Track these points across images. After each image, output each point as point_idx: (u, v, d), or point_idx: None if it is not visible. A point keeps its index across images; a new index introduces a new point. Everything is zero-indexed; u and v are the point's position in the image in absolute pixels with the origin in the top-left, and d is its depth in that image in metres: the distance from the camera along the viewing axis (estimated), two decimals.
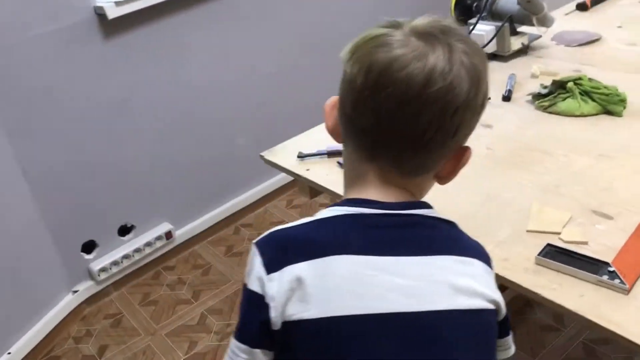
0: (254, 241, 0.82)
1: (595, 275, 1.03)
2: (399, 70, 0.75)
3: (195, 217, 2.88)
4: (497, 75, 1.85)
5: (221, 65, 2.72)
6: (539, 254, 1.10)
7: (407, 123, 0.77)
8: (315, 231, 0.81)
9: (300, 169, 1.53)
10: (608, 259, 1.07)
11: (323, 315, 0.74)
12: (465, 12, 2.08)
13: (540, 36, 2.00)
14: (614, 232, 1.16)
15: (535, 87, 1.72)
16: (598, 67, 1.82)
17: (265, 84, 2.90)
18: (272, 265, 0.78)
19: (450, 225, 0.86)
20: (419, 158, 0.81)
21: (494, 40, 1.90)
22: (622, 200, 1.25)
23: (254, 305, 0.78)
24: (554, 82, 1.63)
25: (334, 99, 0.88)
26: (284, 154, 1.61)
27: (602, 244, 1.13)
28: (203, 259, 2.77)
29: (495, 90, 1.76)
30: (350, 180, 0.86)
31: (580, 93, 1.58)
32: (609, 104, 1.56)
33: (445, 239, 0.83)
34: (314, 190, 1.51)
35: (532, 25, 1.89)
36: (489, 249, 0.88)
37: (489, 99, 1.71)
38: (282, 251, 0.79)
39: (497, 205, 1.29)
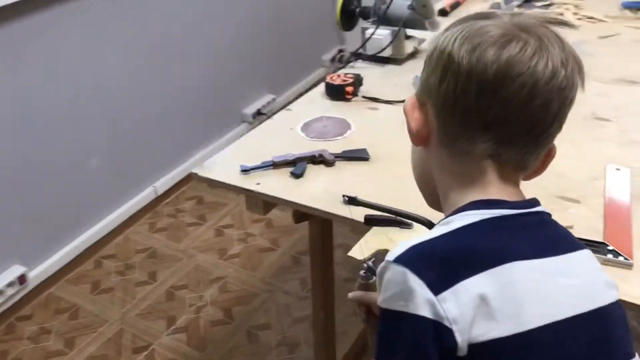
0: (392, 259, 0.72)
1: (601, 256, 1.10)
2: (527, 60, 0.74)
3: (50, 254, 2.52)
4: (396, 79, 1.90)
5: (65, 79, 2.42)
6: None
7: (536, 115, 0.75)
8: (470, 240, 0.73)
9: (248, 183, 1.41)
10: (598, 239, 1.15)
11: (516, 331, 0.67)
12: (350, 18, 2.11)
13: (425, 40, 2.10)
14: (587, 215, 1.25)
15: None
16: None
17: (117, 98, 2.65)
18: (439, 283, 0.68)
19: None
20: (538, 152, 0.79)
21: (391, 45, 1.95)
22: (579, 184, 1.35)
23: (429, 333, 0.67)
24: None
25: (413, 99, 0.83)
26: (219, 169, 1.48)
27: (584, 226, 1.20)
28: (66, 301, 2.43)
29: (401, 91, 1.81)
30: (459, 182, 0.80)
31: None
32: None
33: (567, 234, 0.81)
34: (269, 204, 1.40)
35: (424, 29, 1.97)
36: None
37: None
38: (444, 266, 0.70)
39: None
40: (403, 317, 0.69)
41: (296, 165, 1.45)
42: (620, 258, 1.09)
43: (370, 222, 1.25)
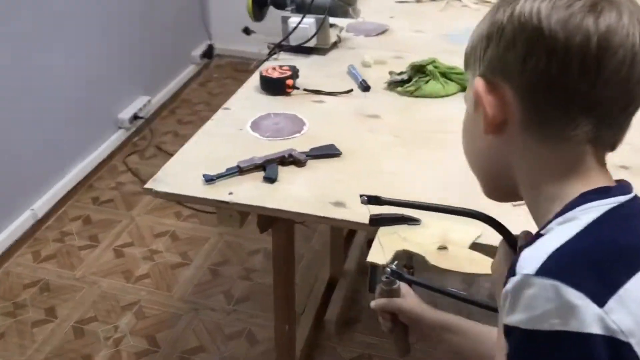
0: (534, 272, 0.60)
1: None
2: (626, 28, 0.66)
3: None
4: (327, 70, 1.80)
5: None
6: None
7: (635, 90, 0.67)
8: (611, 235, 0.64)
9: (219, 193, 1.23)
10: None
11: None
12: (262, 7, 1.97)
13: (343, 28, 2.02)
14: None
15: (377, 75, 1.73)
16: (414, 52, 1.92)
17: None
18: (600, 293, 0.58)
19: None
20: (627, 129, 0.73)
21: (316, 35, 1.84)
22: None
23: (602, 352, 0.56)
24: (413, 67, 1.67)
25: (482, 82, 0.71)
26: (177, 181, 1.28)
27: None
28: None
29: (338, 82, 1.71)
30: (556, 171, 0.70)
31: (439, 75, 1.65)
32: (464, 82, 1.67)
33: None
34: (245, 214, 1.23)
35: (347, 16, 1.89)
36: None
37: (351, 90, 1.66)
38: (599, 271, 0.59)
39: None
40: (563, 338, 0.58)
41: (267, 169, 1.30)
42: None
43: (377, 222, 1.15)
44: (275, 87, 1.64)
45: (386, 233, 1.14)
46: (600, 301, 0.57)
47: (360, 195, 1.01)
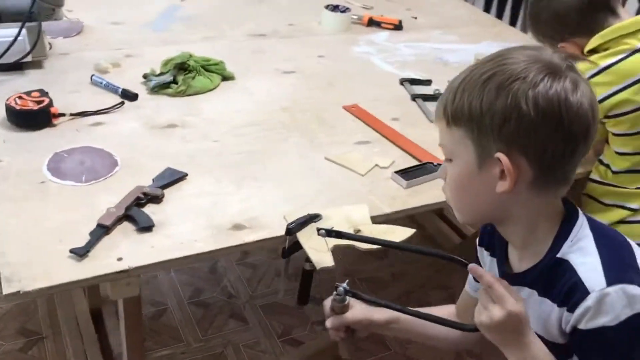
0: (606, 285, 0.82)
1: None
2: (577, 97, 0.82)
3: None
4: (67, 85, 1.53)
5: None
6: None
7: (589, 144, 0.86)
8: (612, 238, 0.89)
9: (107, 265, 1.01)
10: None
11: None
12: None
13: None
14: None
15: (125, 79, 1.57)
16: (136, 48, 1.77)
17: None
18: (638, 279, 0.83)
19: None
20: None
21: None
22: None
23: None
24: (175, 66, 1.55)
25: (506, 159, 0.82)
26: (39, 273, 0.98)
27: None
28: None
29: (92, 96, 1.50)
30: (547, 214, 0.89)
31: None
32: (224, 71, 1.65)
33: None
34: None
35: (52, 19, 1.61)
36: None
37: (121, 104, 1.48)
38: (630, 265, 0.85)
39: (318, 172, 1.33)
40: (635, 318, 0.81)
41: (136, 218, 1.10)
42: None
43: (293, 230, 1.13)
44: (36, 119, 1.34)
45: (306, 236, 1.14)
46: None
47: (318, 230, 1.01)
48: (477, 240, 1.06)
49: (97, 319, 1.99)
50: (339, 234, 1.01)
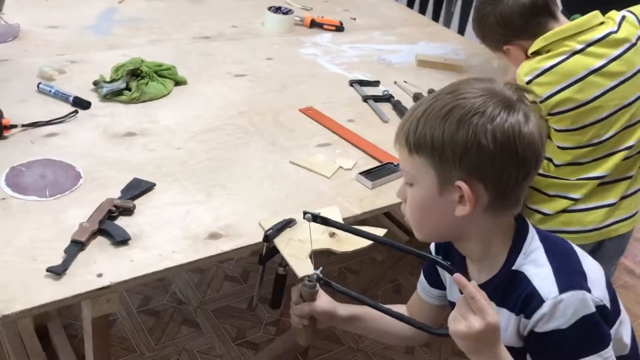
0: (559, 293, 0.88)
1: None
2: (529, 128, 0.89)
3: None
4: (5, 95, 1.46)
5: None
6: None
7: (539, 169, 0.94)
8: (559, 248, 0.97)
9: (87, 283, 0.98)
10: None
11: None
12: None
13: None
14: None
15: (73, 86, 1.51)
16: (81, 52, 1.71)
17: None
18: (585, 284, 0.92)
19: None
20: None
21: None
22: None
23: (598, 316, 0.90)
24: (127, 72, 1.51)
25: (466, 187, 0.87)
26: (18, 294, 0.93)
27: None
28: None
29: (40, 106, 1.44)
30: (501, 231, 0.95)
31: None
32: (176, 76, 1.62)
33: None
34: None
35: None
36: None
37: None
38: (576, 272, 0.94)
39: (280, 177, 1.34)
40: (583, 320, 0.90)
41: (111, 232, 1.07)
42: None
43: (270, 236, 1.13)
44: None
45: (283, 242, 1.14)
46: (588, 289, 0.91)
47: (304, 213, 1.04)
48: (433, 249, 1.11)
49: (42, 336, 1.91)
50: (324, 220, 1.03)
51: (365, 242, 1.20)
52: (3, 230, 1.07)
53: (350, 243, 1.18)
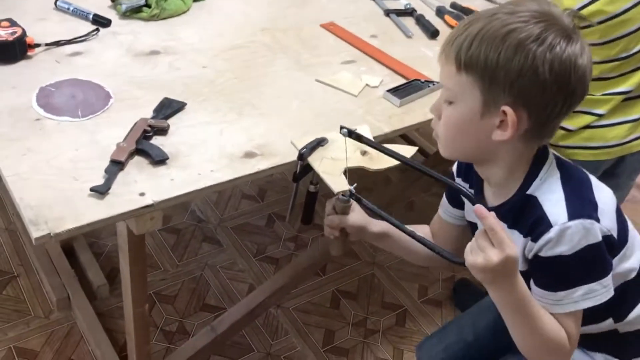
0: (567, 220, 0.89)
1: None
2: (583, 60, 0.88)
3: None
4: (20, 13, 1.42)
5: None
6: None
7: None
8: (574, 176, 0.98)
9: (130, 201, 1.00)
10: None
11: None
12: None
13: None
14: None
15: (92, 3, 1.47)
16: None
17: None
18: (594, 214, 0.93)
19: None
20: None
21: None
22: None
23: (604, 246, 0.92)
24: None
25: (512, 112, 0.87)
26: (64, 213, 0.95)
27: None
28: None
29: (61, 23, 1.40)
30: (527, 158, 0.95)
31: None
32: None
33: None
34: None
35: None
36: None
37: None
38: (587, 202, 0.94)
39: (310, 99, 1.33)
40: (588, 248, 0.91)
41: (149, 151, 1.08)
42: None
43: (303, 155, 1.14)
44: (13, 51, 1.25)
45: (317, 160, 1.15)
46: (597, 218, 0.91)
47: (341, 127, 1.06)
48: (455, 170, 1.12)
49: (68, 255, 1.95)
50: (358, 137, 1.05)
51: (397, 161, 1.21)
52: (42, 151, 1.08)
53: (382, 161, 1.19)
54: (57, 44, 1.34)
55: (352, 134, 1.03)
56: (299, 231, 2.19)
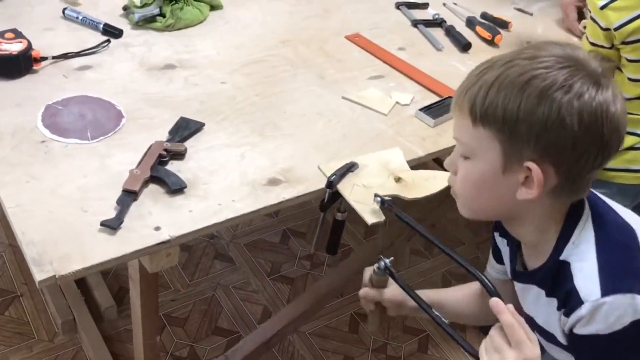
0: (600, 296, 0.77)
1: None
2: (617, 108, 0.77)
3: None
4: (26, 24, 1.33)
5: None
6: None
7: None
8: (614, 240, 0.82)
9: (145, 237, 0.89)
10: None
11: None
12: None
13: None
14: None
15: (100, 12, 1.38)
16: None
17: None
18: (637, 286, 0.79)
19: None
20: None
21: None
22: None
23: None
24: None
25: (538, 169, 0.75)
26: (72, 252, 0.86)
27: None
28: None
29: (68, 34, 1.31)
30: (560, 215, 0.83)
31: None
32: (211, 1, 1.48)
33: None
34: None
35: None
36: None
37: None
38: (629, 272, 0.80)
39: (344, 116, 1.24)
40: (629, 327, 0.78)
41: (166, 179, 0.98)
42: None
43: (332, 183, 1.04)
44: (18, 66, 1.16)
45: (347, 188, 1.06)
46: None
47: (375, 195, 1.00)
48: (493, 224, 1.00)
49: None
50: (390, 206, 0.98)
51: (435, 188, 1.12)
52: (47, 178, 0.98)
53: (419, 189, 1.10)
54: (65, 56, 1.24)
55: (384, 203, 0.96)
56: (315, 248, 2.09)
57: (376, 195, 1.01)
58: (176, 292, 1.90)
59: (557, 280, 0.83)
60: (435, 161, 2.25)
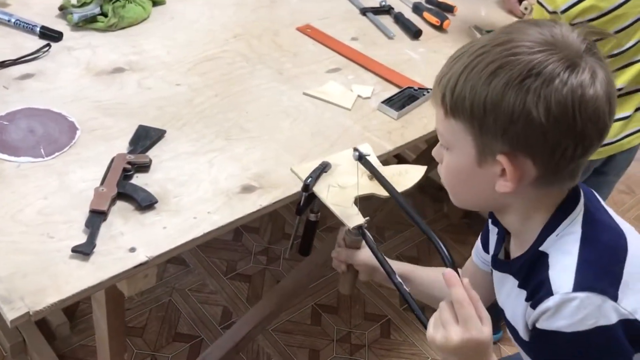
0: (571, 290, 0.73)
1: None
2: (594, 91, 0.72)
3: None
4: None
5: None
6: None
7: (604, 139, 0.77)
8: (599, 240, 0.79)
9: (120, 261, 0.83)
10: None
11: None
12: None
13: None
14: None
15: (32, 12, 1.27)
16: None
17: None
18: (612, 290, 0.76)
19: None
20: None
21: None
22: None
23: (620, 332, 0.74)
24: None
25: (507, 160, 0.73)
26: (45, 286, 0.79)
27: None
28: None
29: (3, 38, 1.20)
30: (545, 205, 0.80)
31: None
32: None
33: None
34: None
35: None
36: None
37: None
38: (606, 274, 0.77)
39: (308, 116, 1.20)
40: (596, 332, 0.74)
41: (135, 196, 0.91)
42: None
43: (308, 187, 1.01)
44: None
45: (323, 190, 1.02)
46: (614, 296, 0.75)
47: (354, 149, 0.99)
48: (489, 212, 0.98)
49: None
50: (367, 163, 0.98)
51: (410, 183, 1.11)
52: (3, 203, 0.90)
53: (394, 185, 1.08)
54: (2, 65, 1.14)
55: (361, 159, 0.92)
56: (269, 243, 2.06)
57: (355, 150, 1.00)
58: (130, 301, 1.82)
59: (532, 271, 0.81)
60: (396, 157, 2.28)
